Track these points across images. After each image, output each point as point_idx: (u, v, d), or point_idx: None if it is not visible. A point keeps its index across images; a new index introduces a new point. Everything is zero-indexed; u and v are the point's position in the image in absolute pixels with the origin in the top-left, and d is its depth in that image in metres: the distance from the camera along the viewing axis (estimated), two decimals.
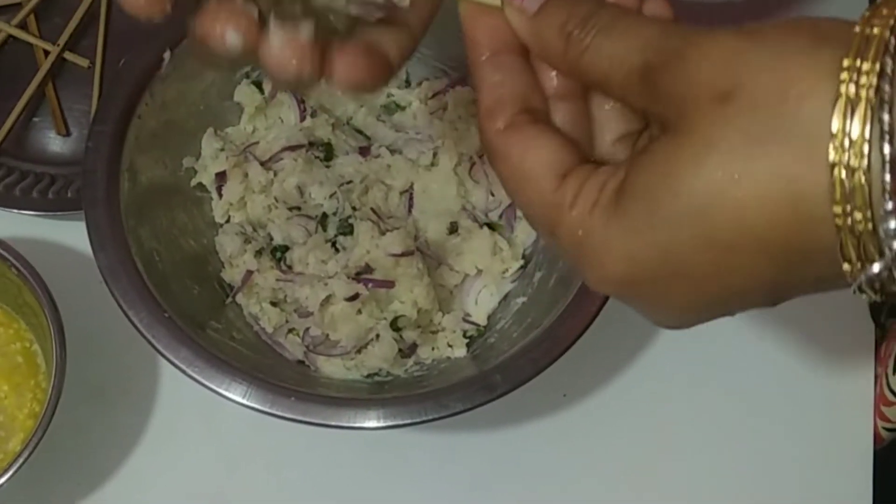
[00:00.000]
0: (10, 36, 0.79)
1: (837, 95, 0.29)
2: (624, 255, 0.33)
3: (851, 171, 0.29)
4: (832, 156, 0.29)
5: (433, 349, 0.66)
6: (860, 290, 0.31)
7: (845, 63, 0.29)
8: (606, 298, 0.60)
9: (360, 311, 0.64)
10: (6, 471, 0.59)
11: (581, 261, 0.35)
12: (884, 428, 0.71)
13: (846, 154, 0.29)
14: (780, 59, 0.30)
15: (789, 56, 0.30)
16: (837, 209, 0.29)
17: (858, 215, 0.29)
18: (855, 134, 0.28)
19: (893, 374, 0.68)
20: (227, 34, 0.35)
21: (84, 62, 0.78)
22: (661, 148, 0.32)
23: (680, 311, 0.35)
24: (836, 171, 0.29)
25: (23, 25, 0.79)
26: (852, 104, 0.29)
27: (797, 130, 0.29)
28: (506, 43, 0.37)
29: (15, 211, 0.71)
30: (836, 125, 0.29)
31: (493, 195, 0.70)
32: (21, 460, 0.59)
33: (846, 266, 0.30)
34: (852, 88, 0.29)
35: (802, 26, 0.31)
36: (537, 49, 0.37)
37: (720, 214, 0.31)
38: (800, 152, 0.29)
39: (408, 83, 0.73)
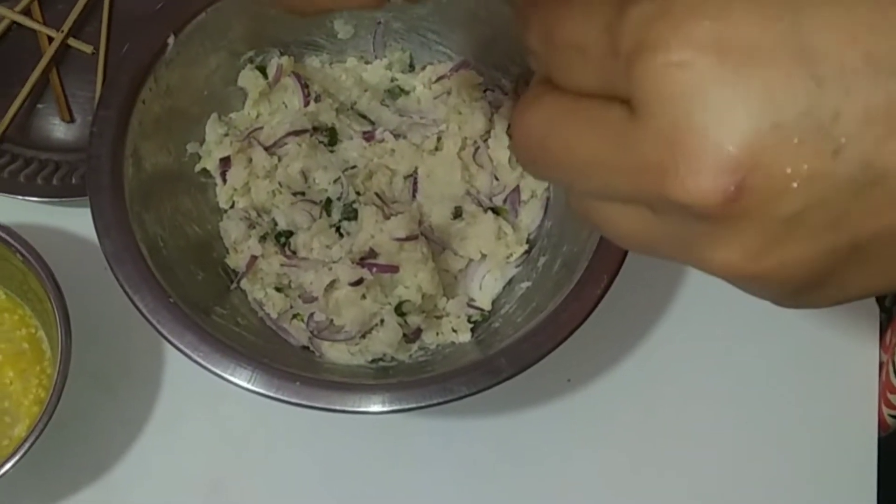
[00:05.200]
0: (14, 22, 0.79)
1: None
2: None
3: None
4: None
5: (437, 334, 0.66)
6: None
7: None
8: (611, 283, 0.60)
9: (364, 296, 0.64)
10: (12, 456, 0.59)
11: (661, 13, 0.26)
12: (890, 415, 0.71)
13: None
14: None
15: None
16: None
17: None
18: None
19: None
20: None
21: (88, 48, 0.78)
22: None
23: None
24: None
25: (26, 12, 0.79)
26: None
27: None
28: None
29: (20, 197, 0.72)
30: None
31: (497, 179, 0.70)
32: (27, 446, 0.59)
33: None
34: None
35: None
36: None
37: None
38: None
39: (412, 67, 0.73)
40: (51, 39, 0.78)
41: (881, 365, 0.71)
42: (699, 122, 0.25)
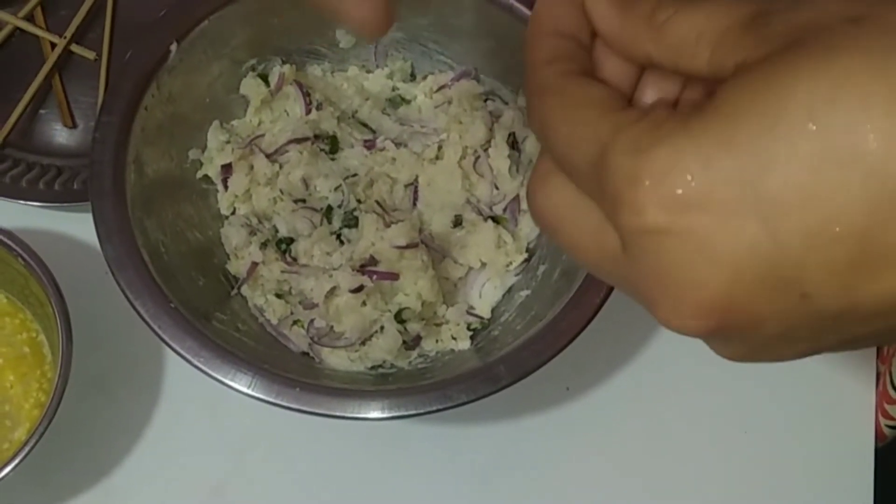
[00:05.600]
0: (17, 28, 0.79)
1: None
2: (700, 164, 0.27)
3: None
4: None
5: (437, 341, 0.66)
6: None
7: None
8: (610, 291, 0.60)
9: (364, 303, 0.64)
10: (12, 460, 0.59)
11: (635, 177, 0.28)
12: (887, 425, 0.71)
13: None
14: None
15: None
16: None
17: None
18: None
19: None
20: None
21: (91, 54, 0.78)
22: (776, 58, 0.27)
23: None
24: None
25: (30, 18, 0.79)
26: None
27: None
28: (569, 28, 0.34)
29: (21, 202, 0.72)
30: None
31: (497, 188, 0.70)
32: (27, 450, 0.59)
33: None
34: None
35: None
36: (619, 30, 0.33)
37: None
38: None
39: (413, 77, 0.74)
40: (53, 45, 0.78)
41: (878, 376, 0.71)
42: (677, 279, 0.28)
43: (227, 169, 0.69)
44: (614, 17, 0.33)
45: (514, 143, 0.70)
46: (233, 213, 0.70)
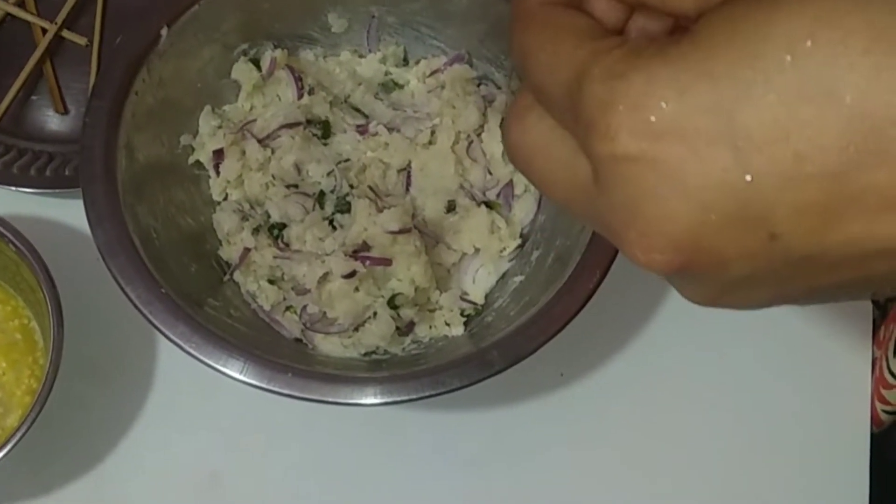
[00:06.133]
0: (8, 14, 0.79)
1: None
2: (675, 91, 0.27)
3: None
4: None
5: (430, 327, 0.66)
6: None
7: None
8: (604, 276, 0.60)
9: (357, 289, 0.63)
10: (3, 447, 0.59)
11: (609, 103, 0.27)
12: (883, 410, 0.71)
13: None
14: None
15: None
16: None
17: None
18: None
19: (894, 356, 0.68)
20: None
21: (82, 40, 0.78)
22: None
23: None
24: None
25: (21, 3, 0.79)
26: None
27: None
28: None
29: (13, 189, 0.72)
30: None
31: (490, 174, 0.70)
32: (18, 436, 0.59)
33: None
34: None
35: None
36: None
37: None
38: None
39: (406, 62, 0.73)
40: (45, 31, 0.78)
41: (874, 361, 0.71)
42: (646, 211, 0.28)
43: (218, 154, 0.68)
44: None
45: None
46: (225, 198, 0.69)
